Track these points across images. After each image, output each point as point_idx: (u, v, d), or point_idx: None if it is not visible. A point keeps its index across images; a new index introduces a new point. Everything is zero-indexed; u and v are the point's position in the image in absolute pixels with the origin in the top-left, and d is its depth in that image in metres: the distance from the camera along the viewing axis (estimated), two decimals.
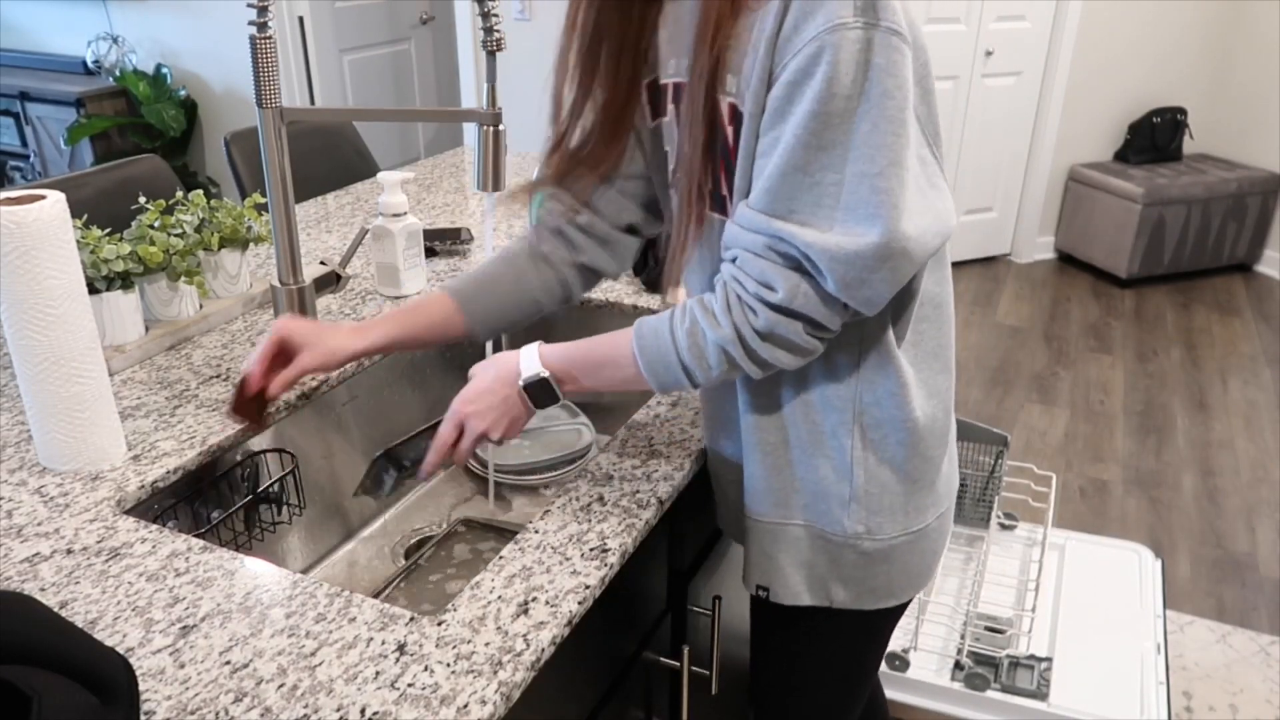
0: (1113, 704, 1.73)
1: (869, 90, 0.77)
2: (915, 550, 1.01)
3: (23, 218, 0.92)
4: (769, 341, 0.86)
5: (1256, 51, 4.20)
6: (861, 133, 0.78)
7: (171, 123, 4.24)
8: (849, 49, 0.76)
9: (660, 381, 0.93)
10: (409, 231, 1.45)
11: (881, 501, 0.97)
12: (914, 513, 0.99)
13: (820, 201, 0.80)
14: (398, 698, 0.74)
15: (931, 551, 1.03)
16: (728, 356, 0.88)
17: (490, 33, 1.12)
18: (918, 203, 0.81)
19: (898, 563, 1.01)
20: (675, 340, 0.90)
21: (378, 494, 1.36)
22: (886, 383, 0.93)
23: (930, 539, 1.02)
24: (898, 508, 0.98)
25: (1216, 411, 3.19)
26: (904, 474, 0.97)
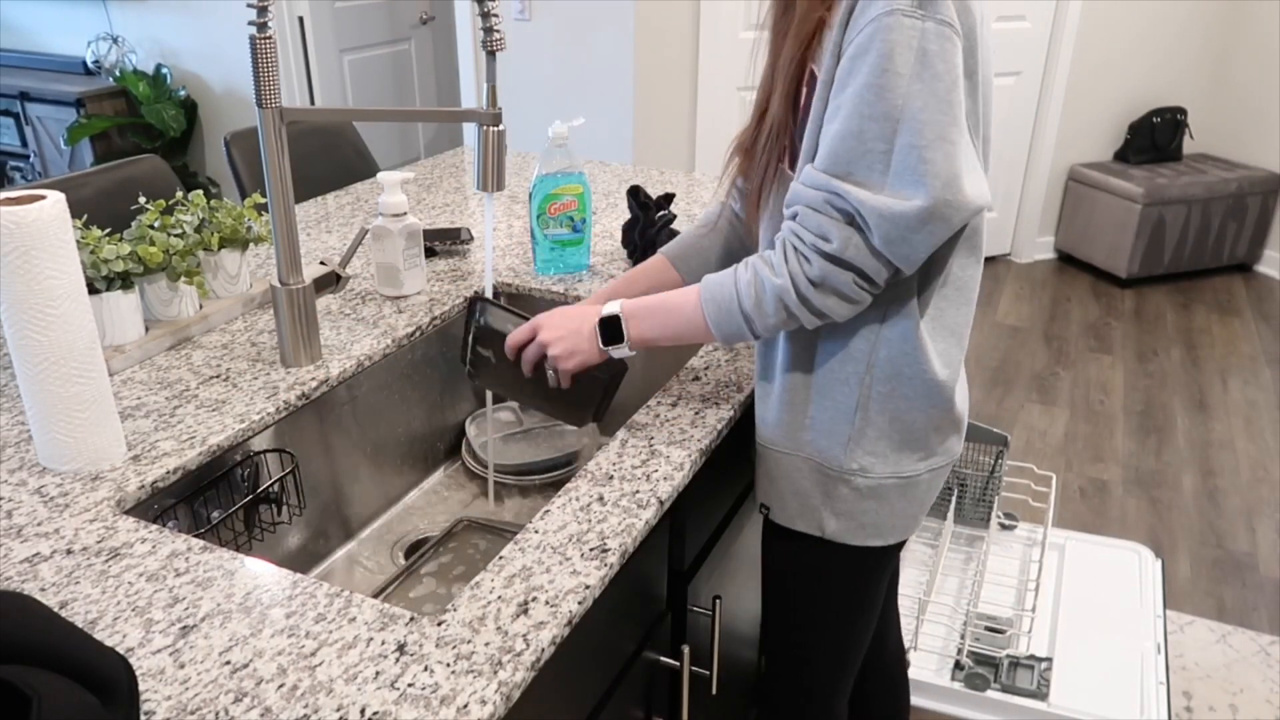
0: (1113, 704, 1.73)
1: (920, 72, 0.87)
2: (904, 496, 1.10)
3: (23, 218, 0.92)
4: (821, 290, 0.96)
5: (1256, 51, 4.20)
6: (913, 109, 0.88)
7: (171, 123, 4.24)
8: (903, 34, 0.86)
9: (723, 330, 1.03)
10: (409, 231, 1.45)
11: (877, 445, 1.07)
12: (906, 461, 1.08)
13: (874, 166, 0.90)
14: (398, 698, 0.74)
15: (919, 501, 1.13)
16: (784, 305, 0.98)
17: (490, 33, 1.12)
18: (960, 173, 0.90)
19: (887, 503, 1.10)
20: (738, 290, 1.01)
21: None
22: (903, 345, 1.03)
23: (919, 489, 1.11)
24: (891, 453, 1.07)
25: (1216, 411, 3.19)
26: (902, 425, 1.06)
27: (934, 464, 1.11)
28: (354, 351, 1.31)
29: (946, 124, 0.88)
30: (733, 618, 1.43)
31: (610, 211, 1.90)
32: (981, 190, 0.93)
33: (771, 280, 0.98)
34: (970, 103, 0.93)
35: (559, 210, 1.52)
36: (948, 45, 0.87)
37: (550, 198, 1.51)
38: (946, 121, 0.88)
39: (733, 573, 1.38)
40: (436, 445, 1.48)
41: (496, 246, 1.71)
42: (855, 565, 1.16)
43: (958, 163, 0.89)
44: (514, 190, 2.06)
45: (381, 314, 1.43)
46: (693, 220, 1.84)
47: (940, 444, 1.10)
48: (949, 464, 1.14)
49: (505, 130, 1.18)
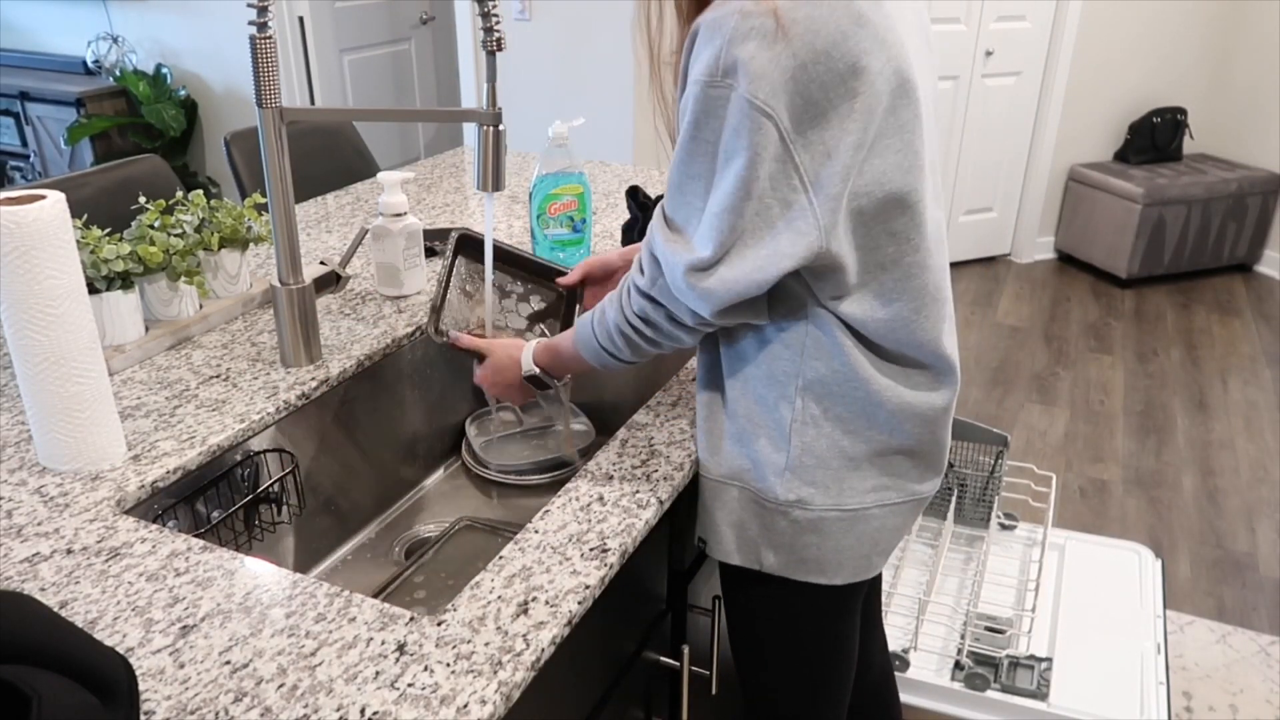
0: (1113, 704, 1.73)
1: (727, 144, 0.87)
2: (851, 531, 1.03)
3: (23, 218, 0.92)
4: (644, 323, 0.99)
5: (1256, 51, 4.20)
6: (714, 177, 0.89)
7: (171, 123, 4.23)
8: (709, 104, 0.86)
9: (600, 362, 1.07)
10: (409, 231, 1.45)
11: (815, 474, 1.01)
12: (849, 492, 1.02)
13: (689, 218, 0.92)
14: (398, 698, 0.74)
15: (870, 538, 1.05)
16: (624, 337, 1.02)
17: (490, 33, 1.12)
18: (743, 249, 0.89)
19: (830, 538, 1.03)
20: (594, 329, 1.05)
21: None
22: (833, 363, 0.97)
23: (870, 523, 1.04)
24: (831, 483, 1.01)
25: (1216, 411, 3.19)
26: (841, 452, 1.00)
27: (886, 499, 1.03)
28: (354, 351, 1.31)
29: (739, 199, 0.87)
30: None
31: (610, 211, 1.90)
32: (767, 260, 0.89)
33: (611, 315, 1.02)
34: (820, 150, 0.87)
35: (559, 210, 1.52)
36: (747, 123, 0.85)
37: (550, 198, 1.51)
38: (739, 197, 0.87)
39: None
40: (436, 445, 1.48)
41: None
42: (809, 603, 1.09)
43: (743, 236, 0.89)
44: (514, 190, 2.06)
45: (381, 314, 1.43)
46: None
47: (896, 475, 1.03)
48: (911, 501, 1.06)
49: (505, 130, 1.19)
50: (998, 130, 4.20)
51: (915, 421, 1.01)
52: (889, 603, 1.92)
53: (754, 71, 0.83)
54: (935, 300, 0.99)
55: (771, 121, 0.85)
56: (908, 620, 1.89)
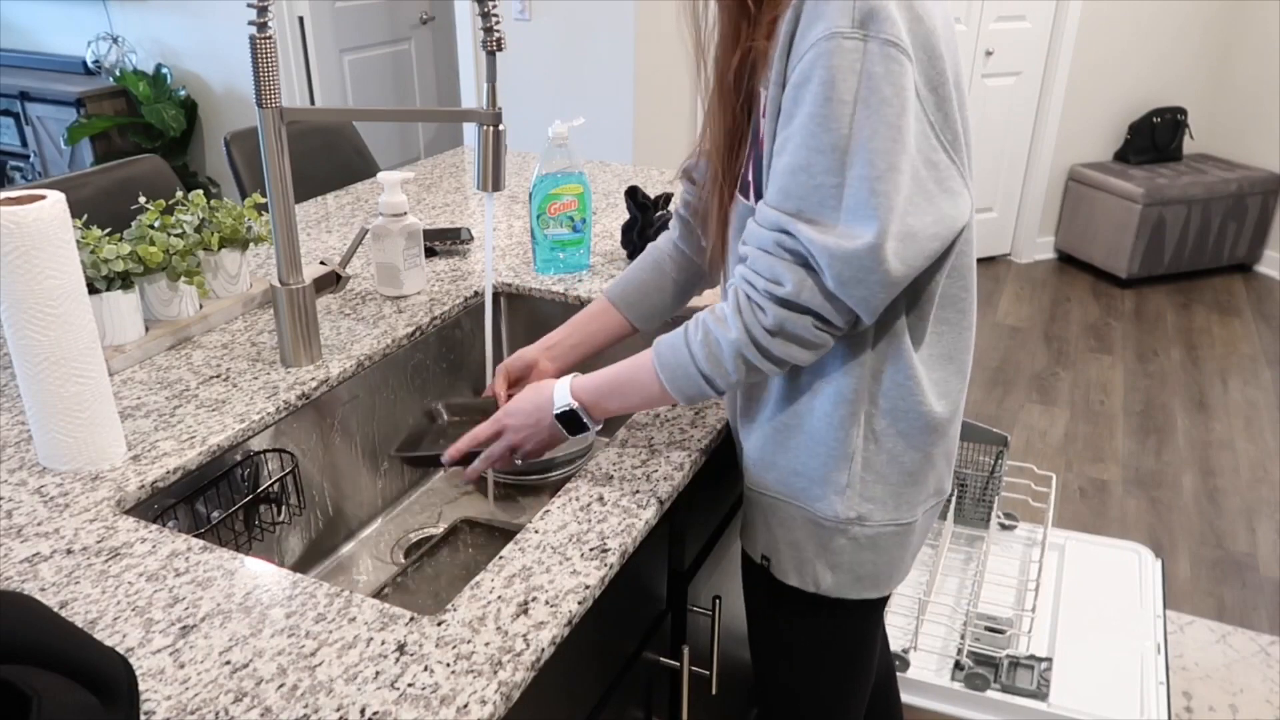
0: (1113, 704, 1.73)
1: (866, 97, 0.80)
2: (900, 542, 1.04)
3: (23, 218, 0.92)
4: (779, 337, 0.89)
5: (1256, 51, 4.20)
6: (860, 138, 0.81)
7: (171, 123, 4.24)
8: (845, 57, 0.80)
9: (685, 394, 0.97)
10: (409, 231, 1.45)
11: (875, 491, 0.99)
12: (905, 506, 1.02)
13: (824, 201, 0.84)
14: (398, 698, 0.74)
15: (914, 545, 1.07)
16: (743, 359, 0.91)
17: (490, 33, 1.12)
18: (916, 206, 0.84)
19: (885, 552, 1.03)
20: (692, 352, 0.94)
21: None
22: (898, 378, 0.96)
23: (916, 533, 1.06)
24: (889, 498, 1.00)
25: (1216, 411, 3.19)
26: (900, 466, 0.99)
27: (929, 504, 1.05)
28: (354, 351, 1.31)
29: (897, 153, 0.81)
30: (733, 618, 1.43)
31: (610, 211, 1.90)
32: (946, 216, 0.86)
33: (725, 336, 0.91)
34: (942, 116, 0.85)
35: (559, 210, 1.52)
36: (893, 66, 0.80)
37: (550, 198, 1.51)
38: (897, 150, 0.81)
39: (733, 573, 1.38)
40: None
41: (496, 246, 1.71)
42: (852, 619, 1.09)
43: (909, 193, 0.83)
44: (514, 190, 2.06)
45: (381, 314, 1.43)
46: None
47: (936, 483, 1.04)
48: (941, 501, 1.08)
49: (505, 130, 1.18)
50: (998, 130, 4.20)
51: (954, 426, 1.03)
52: (890, 603, 1.92)
53: (892, 16, 0.80)
54: (974, 305, 1.00)
55: (914, 66, 0.81)
56: (908, 620, 1.89)
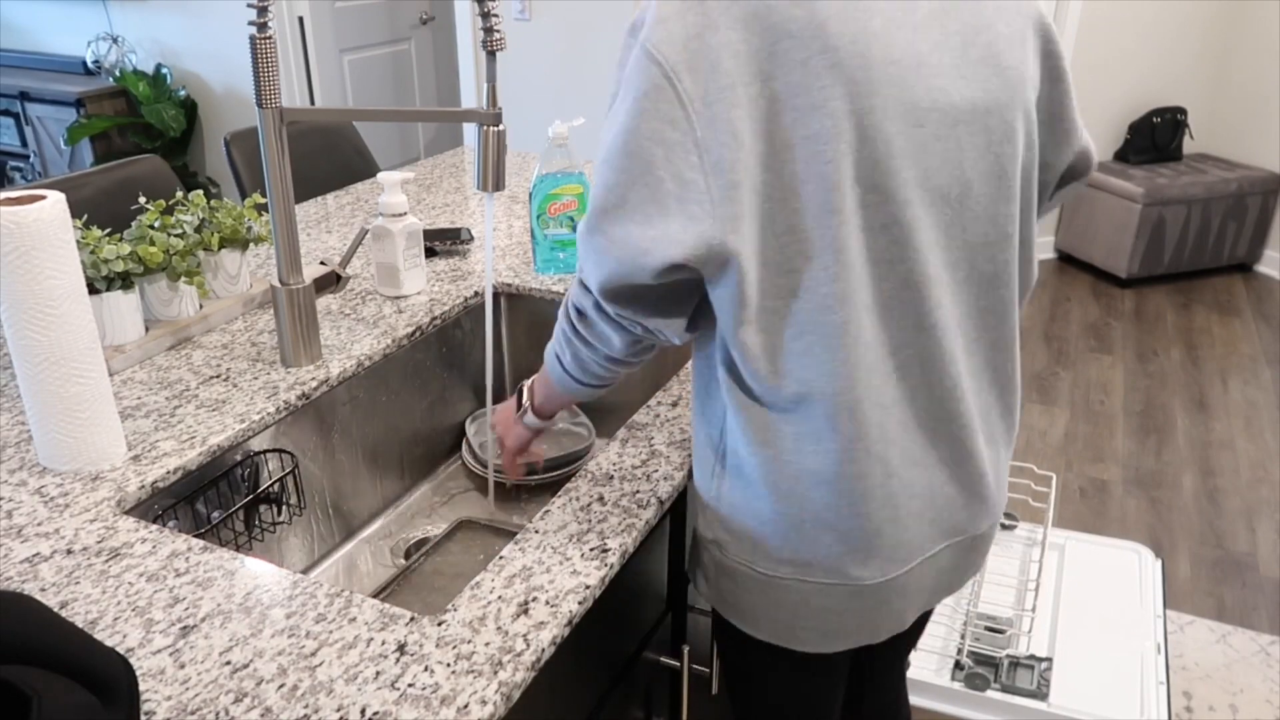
0: (1113, 704, 1.72)
1: (620, 93, 0.81)
2: (766, 597, 0.95)
3: (23, 218, 0.92)
4: (579, 315, 0.92)
5: (1256, 51, 4.20)
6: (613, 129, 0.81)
7: (171, 123, 4.24)
8: (624, 57, 0.81)
9: (562, 386, 1.02)
10: (409, 231, 1.45)
11: (732, 524, 0.94)
12: (762, 558, 0.93)
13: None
14: (398, 698, 0.74)
15: (791, 609, 0.94)
16: (565, 338, 0.96)
17: (490, 33, 1.12)
18: (632, 219, 0.80)
19: (747, 592, 0.96)
20: (552, 344, 1.01)
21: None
22: (734, 421, 0.90)
23: (788, 595, 0.93)
24: (745, 540, 0.93)
25: (1216, 411, 3.19)
26: (752, 513, 0.92)
27: (810, 577, 0.92)
28: (354, 351, 1.31)
29: (627, 154, 0.79)
30: None
31: None
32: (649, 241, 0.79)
33: (559, 321, 0.98)
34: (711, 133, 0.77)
35: (559, 210, 1.52)
36: (641, 75, 0.78)
37: (550, 198, 1.51)
38: (626, 154, 0.79)
39: None
40: (436, 445, 1.48)
41: (496, 246, 1.71)
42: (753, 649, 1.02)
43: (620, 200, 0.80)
44: (514, 190, 2.06)
45: (381, 314, 1.43)
46: None
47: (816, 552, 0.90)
48: (846, 586, 0.92)
49: (505, 130, 1.19)
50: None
51: (822, 490, 0.88)
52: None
53: (657, 17, 0.77)
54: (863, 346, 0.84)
55: (662, 73, 0.76)
56: None
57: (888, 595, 0.94)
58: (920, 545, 0.94)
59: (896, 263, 0.83)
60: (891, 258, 0.83)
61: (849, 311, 0.82)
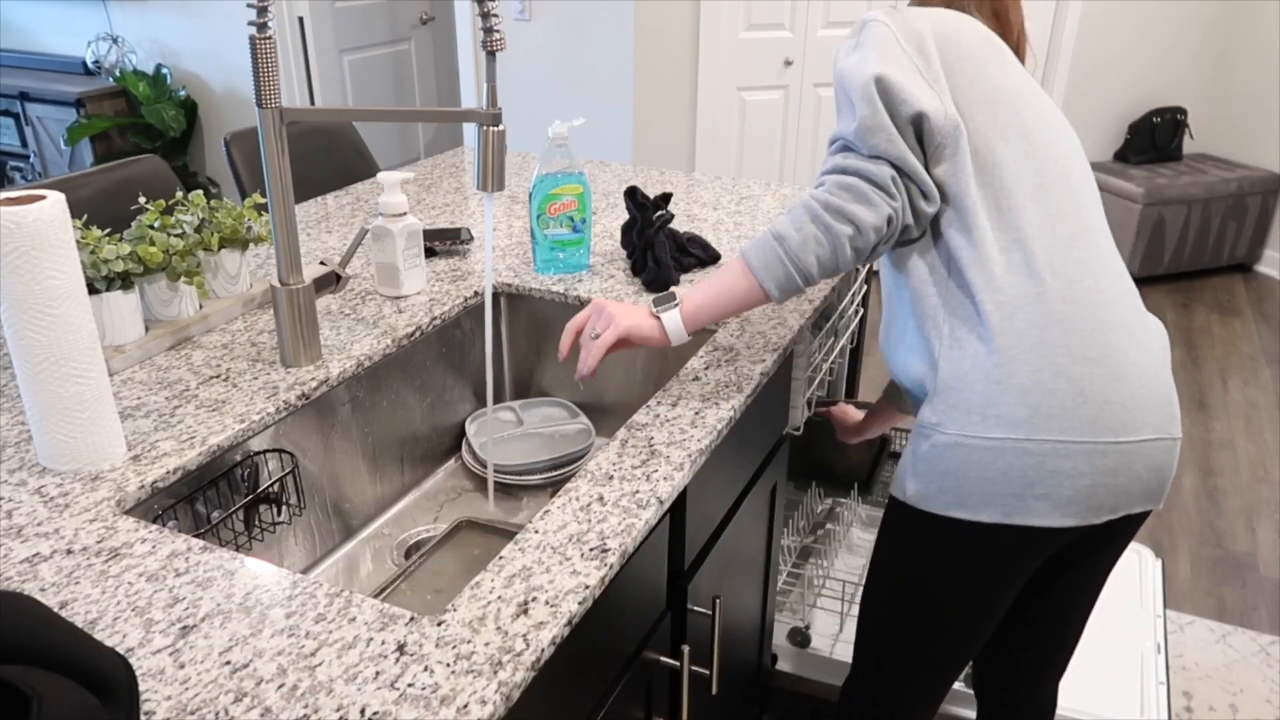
0: (1113, 704, 1.72)
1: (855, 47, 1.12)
2: (986, 464, 1.05)
3: (23, 218, 0.92)
4: (838, 194, 1.05)
5: (1256, 51, 4.20)
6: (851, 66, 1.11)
7: (171, 123, 4.24)
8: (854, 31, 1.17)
9: (761, 259, 1.09)
10: (409, 231, 1.45)
11: (958, 396, 1.06)
12: (985, 421, 1.04)
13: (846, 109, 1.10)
14: (398, 698, 0.74)
15: (1005, 475, 1.04)
16: (813, 215, 1.05)
17: (490, 33, 1.12)
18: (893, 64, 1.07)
19: (967, 467, 1.06)
20: (774, 224, 1.09)
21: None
22: (965, 290, 1.07)
23: (1006, 460, 1.04)
24: (971, 408, 1.05)
25: (1216, 411, 3.19)
26: (982, 375, 1.05)
27: (1026, 433, 1.04)
28: (354, 351, 1.31)
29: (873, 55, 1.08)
30: (733, 618, 1.43)
31: (610, 211, 1.90)
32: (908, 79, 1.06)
33: (801, 201, 1.08)
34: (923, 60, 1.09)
35: (559, 210, 1.52)
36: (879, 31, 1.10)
37: (550, 198, 1.51)
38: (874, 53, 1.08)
39: (733, 573, 1.38)
40: (436, 445, 1.48)
41: (496, 246, 1.71)
42: (928, 533, 1.13)
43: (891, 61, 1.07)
44: (514, 190, 2.06)
45: (381, 314, 1.43)
46: (692, 220, 1.84)
47: (1037, 413, 1.03)
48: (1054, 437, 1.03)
49: (505, 130, 1.19)
50: None
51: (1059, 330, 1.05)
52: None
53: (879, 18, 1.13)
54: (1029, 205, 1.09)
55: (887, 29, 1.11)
56: None
57: (1116, 463, 1.05)
58: (1144, 419, 1.06)
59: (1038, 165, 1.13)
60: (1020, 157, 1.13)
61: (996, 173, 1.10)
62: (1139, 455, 1.06)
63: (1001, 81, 1.12)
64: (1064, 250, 1.06)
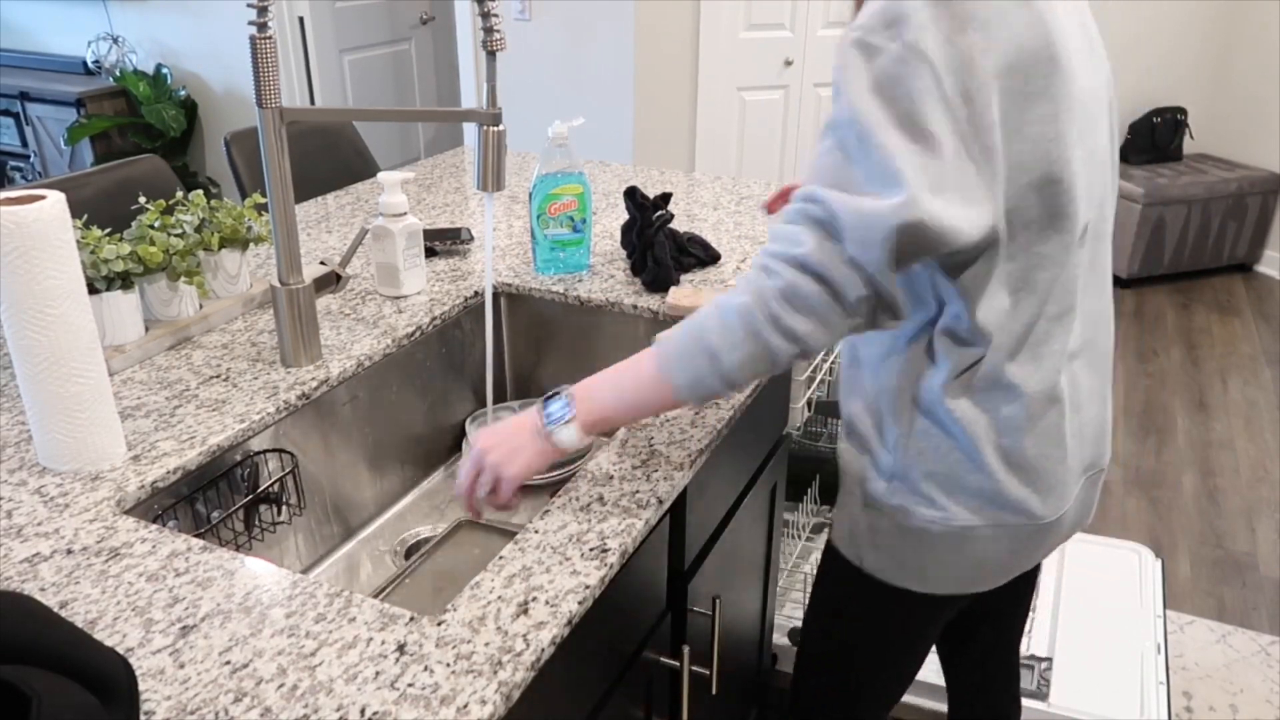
0: (1113, 704, 1.72)
1: (890, 90, 0.85)
2: (956, 548, 1.03)
3: (23, 218, 0.92)
4: (789, 303, 0.86)
5: (1256, 51, 4.19)
6: (881, 120, 0.84)
7: (171, 123, 4.24)
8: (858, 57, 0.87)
9: (685, 373, 0.91)
10: (409, 231, 1.45)
11: (920, 486, 1.01)
12: (955, 508, 1.01)
13: (852, 174, 0.85)
14: (398, 698, 0.74)
15: (978, 558, 1.04)
16: (750, 326, 0.87)
17: (490, 33, 1.12)
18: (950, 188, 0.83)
19: (935, 550, 1.04)
20: (701, 321, 0.91)
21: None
22: (934, 377, 0.98)
23: (978, 544, 1.03)
24: (939, 496, 1.01)
25: (1216, 411, 3.19)
26: (946, 467, 1.00)
27: (1003, 520, 1.02)
28: (354, 351, 1.31)
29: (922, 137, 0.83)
30: (732, 618, 1.43)
31: (610, 211, 1.90)
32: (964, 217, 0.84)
33: (735, 301, 0.88)
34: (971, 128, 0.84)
35: (559, 210, 1.52)
36: (910, 69, 0.82)
37: (550, 198, 1.51)
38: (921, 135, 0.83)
39: (733, 573, 1.38)
40: (436, 445, 1.48)
41: (496, 246, 1.71)
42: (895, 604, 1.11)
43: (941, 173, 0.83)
44: (514, 190, 2.06)
45: (381, 314, 1.43)
46: (691, 220, 1.84)
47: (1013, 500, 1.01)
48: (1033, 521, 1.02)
49: (505, 130, 1.18)
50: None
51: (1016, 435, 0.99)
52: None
53: (919, 23, 0.82)
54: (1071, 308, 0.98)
55: (937, 71, 0.82)
56: None
57: (1056, 528, 1.06)
58: (1076, 478, 1.05)
59: (1097, 222, 0.98)
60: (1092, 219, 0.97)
61: (1055, 273, 0.94)
62: (1073, 506, 1.08)
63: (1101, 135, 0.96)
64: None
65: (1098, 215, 0.98)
